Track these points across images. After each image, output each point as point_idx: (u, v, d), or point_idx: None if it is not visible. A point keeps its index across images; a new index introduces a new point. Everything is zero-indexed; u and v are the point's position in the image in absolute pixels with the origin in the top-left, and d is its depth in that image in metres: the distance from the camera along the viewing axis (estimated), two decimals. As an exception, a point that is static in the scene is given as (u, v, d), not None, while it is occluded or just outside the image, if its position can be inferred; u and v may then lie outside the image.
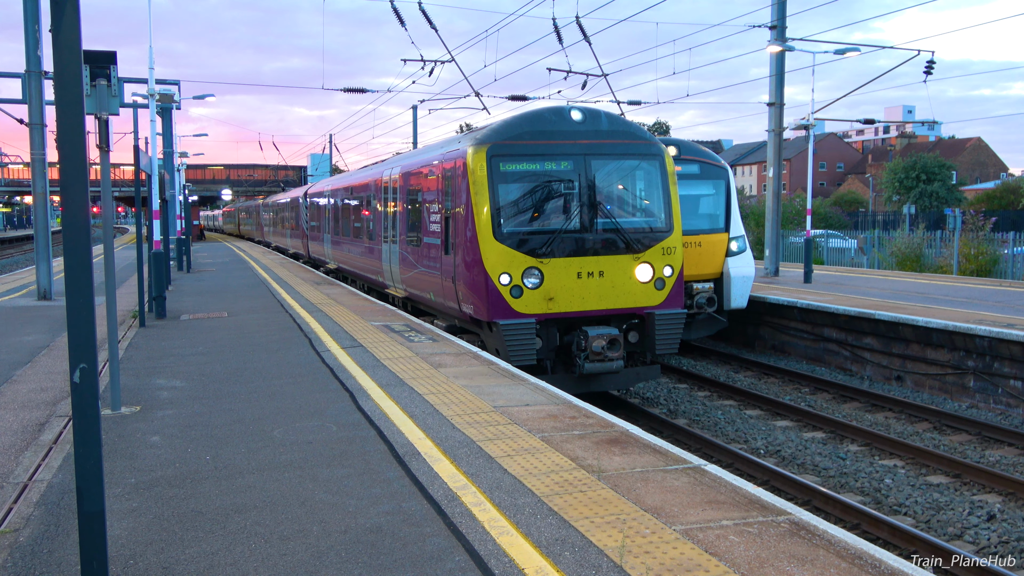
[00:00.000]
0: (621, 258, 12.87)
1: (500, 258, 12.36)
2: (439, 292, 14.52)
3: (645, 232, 13.15)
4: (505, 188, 12.69)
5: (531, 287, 12.43)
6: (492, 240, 12.39)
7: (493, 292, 12.32)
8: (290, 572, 4.96)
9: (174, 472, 6.87)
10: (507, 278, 12.31)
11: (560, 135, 12.94)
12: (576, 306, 12.66)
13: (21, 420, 8.87)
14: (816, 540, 5.27)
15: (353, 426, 8.18)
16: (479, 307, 12.65)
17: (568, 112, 13.18)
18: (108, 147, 8.98)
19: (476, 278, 12.57)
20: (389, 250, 18.61)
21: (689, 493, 6.12)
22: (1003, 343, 14.01)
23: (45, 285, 20.73)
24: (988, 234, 28.76)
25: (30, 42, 20.07)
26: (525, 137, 12.85)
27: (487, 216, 12.43)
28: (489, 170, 12.53)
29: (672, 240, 13.21)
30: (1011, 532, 9.01)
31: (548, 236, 12.55)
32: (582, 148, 12.93)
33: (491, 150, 12.65)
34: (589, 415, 8.43)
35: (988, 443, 12.37)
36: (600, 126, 13.24)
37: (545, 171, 12.83)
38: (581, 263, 12.66)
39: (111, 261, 9.11)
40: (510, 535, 5.38)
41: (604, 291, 12.78)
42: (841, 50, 23.58)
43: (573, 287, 12.60)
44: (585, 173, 12.81)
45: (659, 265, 13.07)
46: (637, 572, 4.80)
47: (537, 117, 13.19)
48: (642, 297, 13.00)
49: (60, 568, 5.06)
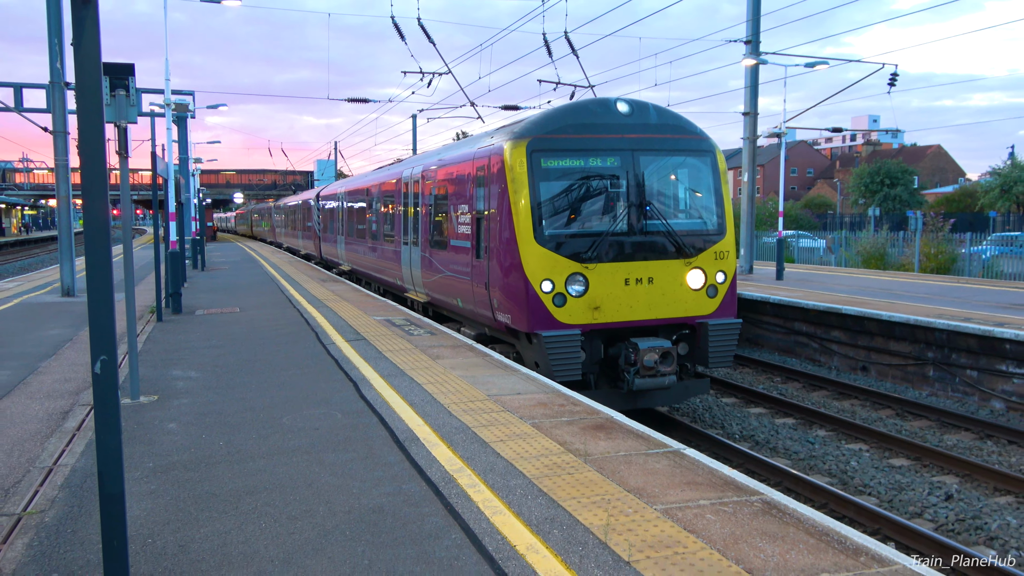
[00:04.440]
0: (672, 263, 11.13)
1: (542, 263, 10.64)
2: (468, 299, 12.80)
3: (697, 235, 11.39)
4: (547, 186, 10.89)
5: (575, 295, 10.71)
6: (533, 243, 10.66)
7: (534, 300, 10.62)
8: (298, 549, 4.96)
9: (189, 457, 6.86)
10: (549, 285, 10.62)
11: (605, 128, 11.16)
12: (624, 316, 10.95)
13: (46, 409, 8.84)
14: (787, 518, 5.29)
15: (357, 414, 8.18)
16: (518, 316, 10.93)
17: (614, 104, 11.37)
18: (127, 153, 8.94)
19: (514, 285, 10.88)
20: (409, 253, 16.78)
21: (669, 475, 6.14)
22: (960, 336, 14.07)
23: (68, 283, 20.67)
24: (947, 235, 28.86)
25: (53, 55, 19.99)
26: (568, 131, 11.06)
27: (527, 217, 10.71)
28: (529, 166, 10.79)
29: (725, 243, 11.50)
30: (967, 511, 9.06)
31: (594, 239, 10.80)
32: (629, 143, 11.14)
33: (531, 145, 10.87)
34: (576, 403, 8.44)
35: (946, 428, 12.42)
36: (648, 119, 11.45)
37: (590, 167, 11.03)
38: (629, 269, 10.92)
39: (130, 260, 9.08)
40: (503, 514, 5.39)
41: (653, 299, 11.05)
42: (811, 63, 23.62)
43: (620, 295, 10.89)
44: (633, 170, 11.05)
45: (711, 271, 11.36)
46: (621, 548, 4.82)
47: (580, 109, 11.39)
48: (694, 305, 11.28)
49: (83, 546, 5.05)
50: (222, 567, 4.73)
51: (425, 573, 4.61)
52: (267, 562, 4.79)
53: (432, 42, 20.26)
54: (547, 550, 4.83)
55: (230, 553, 4.92)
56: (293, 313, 16.28)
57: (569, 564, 4.64)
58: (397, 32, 20.43)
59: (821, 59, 23.71)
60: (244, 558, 4.85)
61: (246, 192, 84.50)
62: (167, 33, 21.77)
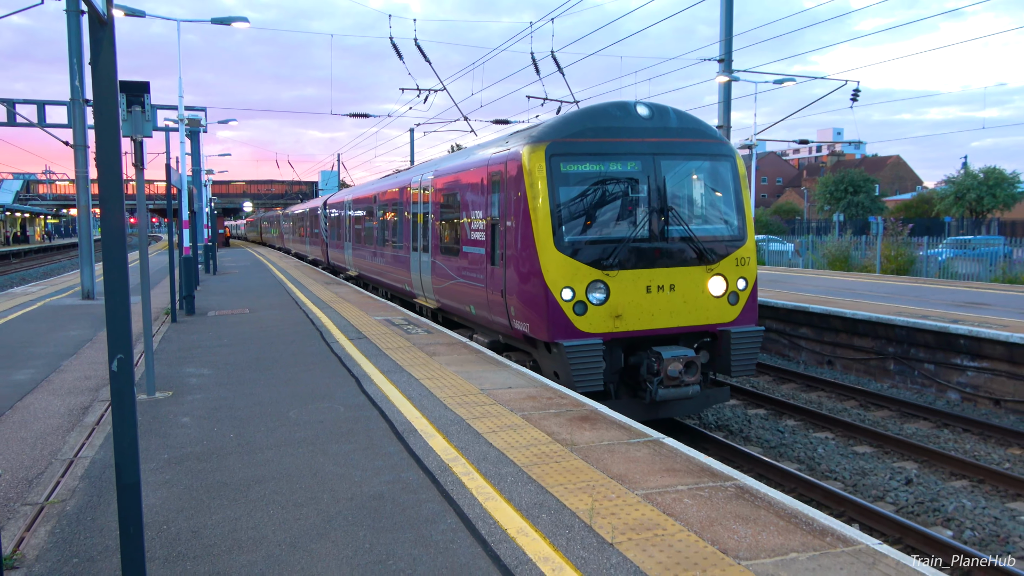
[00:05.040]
0: (693, 270, 10.22)
1: (562, 270, 9.69)
2: (482, 306, 11.82)
3: (719, 241, 10.45)
4: (567, 191, 9.96)
5: (596, 303, 9.77)
6: (553, 250, 9.71)
7: (554, 309, 9.66)
8: (303, 534, 4.95)
9: (202, 448, 6.83)
10: (569, 293, 9.68)
11: (626, 132, 10.21)
12: (645, 324, 10.02)
13: (68, 404, 8.79)
14: (759, 502, 5.30)
15: (358, 407, 8.15)
16: (537, 325, 9.97)
17: (634, 107, 10.44)
18: (143, 165, 8.90)
19: (533, 293, 9.94)
20: (419, 259, 15.66)
21: (649, 462, 6.14)
22: (918, 332, 14.13)
23: (88, 286, 20.57)
24: (906, 238, 29.00)
25: (73, 74, 19.90)
26: (587, 134, 10.11)
27: (547, 223, 9.78)
28: (548, 171, 9.85)
29: (746, 249, 10.61)
30: (926, 494, 9.10)
31: (615, 245, 9.85)
32: (650, 147, 10.23)
33: (551, 149, 9.92)
34: (563, 396, 8.44)
35: (906, 418, 12.47)
36: (669, 123, 10.52)
37: (610, 172, 10.08)
38: (651, 276, 9.99)
39: (146, 265, 9.04)
40: (495, 500, 5.39)
41: (675, 307, 10.14)
42: (779, 80, 23.72)
43: (642, 302, 9.96)
44: (654, 175, 10.13)
45: (733, 277, 10.46)
46: (605, 531, 4.82)
47: (600, 112, 10.36)
48: (715, 313, 10.38)
49: (101, 533, 5.02)
50: (232, 551, 4.71)
51: (422, 555, 4.60)
52: (275, 546, 4.77)
53: (428, 61, 20.25)
54: (536, 533, 4.82)
55: (240, 538, 4.90)
56: (299, 314, 16.23)
57: (557, 546, 4.64)
58: (395, 52, 20.42)
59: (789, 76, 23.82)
60: (253, 542, 4.83)
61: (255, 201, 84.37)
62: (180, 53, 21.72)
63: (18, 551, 4.79)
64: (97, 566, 4.55)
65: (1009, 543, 7.78)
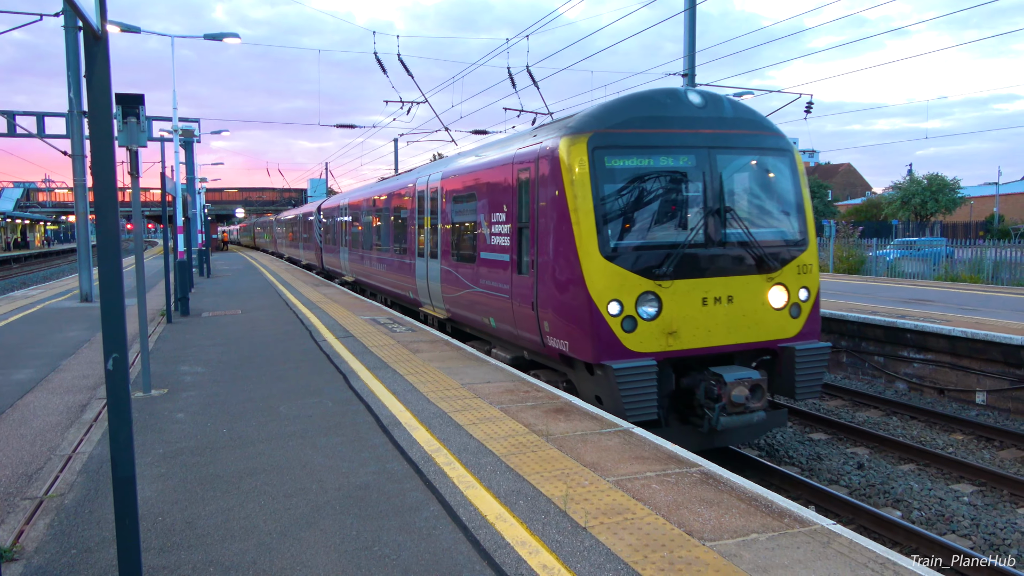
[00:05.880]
0: (753, 279, 8.63)
1: (608, 280, 8.02)
2: (505, 319, 10.07)
3: (779, 246, 8.86)
4: (612, 189, 8.30)
5: (647, 318, 8.13)
6: (598, 257, 8.04)
7: (600, 325, 7.99)
8: (293, 523, 4.90)
9: (196, 443, 6.75)
10: (617, 307, 8.03)
11: (677, 122, 8.62)
12: (701, 341, 8.37)
13: (66, 402, 8.64)
14: (722, 487, 5.33)
15: (346, 402, 8.10)
16: (579, 344, 8.23)
17: (685, 95, 8.86)
18: (138, 174, 8.78)
19: (574, 306, 8.24)
20: (425, 266, 13.98)
21: (620, 451, 6.16)
22: (868, 327, 14.30)
23: (86, 290, 20.27)
24: (856, 240, 29.36)
25: (71, 86, 19.61)
26: (634, 124, 8.45)
27: (590, 226, 8.10)
28: (592, 166, 8.22)
29: (808, 255, 9.03)
30: (876, 477, 9.20)
31: (668, 251, 8.22)
32: (706, 139, 8.64)
33: (593, 141, 8.29)
34: (539, 389, 8.43)
35: (858, 407, 12.61)
36: (724, 112, 8.94)
37: (661, 168, 8.45)
38: (707, 286, 8.39)
39: (141, 269, 8.91)
40: (475, 488, 5.37)
41: (733, 321, 8.52)
42: (739, 93, 23.86)
43: (697, 317, 8.34)
44: (710, 171, 8.55)
45: (795, 287, 8.88)
46: (578, 516, 4.82)
47: (647, 99, 8.69)
48: (775, 328, 8.79)
49: (99, 525, 4.94)
50: (225, 540, 4.65)
51: (406, 541, 4.57)
52: (266, 535, 4.72)
53: (411, 75, 20.16)
54: (514, 519, 4.81)
55: (232, 528, 4.84)
56: (289, 314, 16.09)
57: (533, 531, 4.63)
58: (380, 67, 20.32)
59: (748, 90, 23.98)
60: (245, 532, 4.78)
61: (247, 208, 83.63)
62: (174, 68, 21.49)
63: (18, 543, 4.70)
64: (94, 557, 4.47)
65: (953, 522, 7.89)
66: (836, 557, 4.22)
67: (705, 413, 8.30)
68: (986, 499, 8.49)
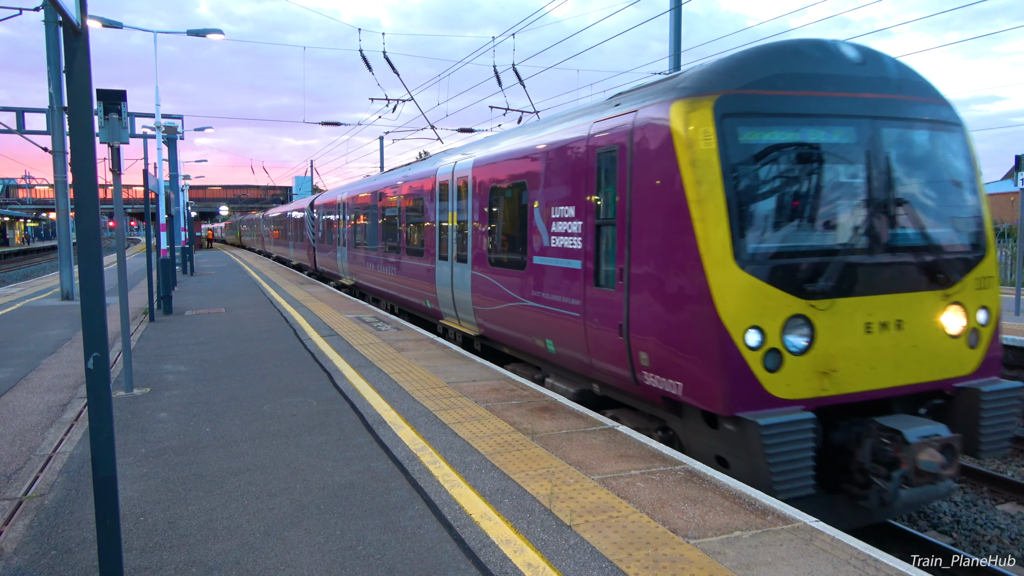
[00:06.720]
0: (926, 296, 6.38)
1: (747, 300, 5.76)
2: (573, 343, 7.92)
3: (957, 252, 6.62)
4: (749, 173, 5.99)
5: (795, 351, 5.86)
6: (732, 267, 5.77)
7: (735, 361, 5.72)
8: (277, 522, 4.87)
9: (179, 442, 6.69)
10: (757, 337, 5.76)
11: (831, 82, 6.33)
12: (863, 383, 6.11)
13: (46, 402, 8.54)
14: (706, 484, 5.36)
15: (330, 401, 8.06)
16: (700, 387, 5.98)
17: (838, 48, 6.55)
18: (120, 171, 8.70)
19: (693, 333, 5.99)
20: (449, 271, 11.89)
21: (605, 449, 6.17)
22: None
23: (67, 287, 20.08)
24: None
25: (52, 82, 19.41)
26: (776, 83, 6.16)
27: (720, 224, 5.83)
28: (721, 141, 5.94)
29: (987, 265, 6.77)
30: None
31: (822, 260, 5.97)
32: (867, 106, 6.39)
33: (722, 105, 6.01)
34: (524, 388, 8.44)
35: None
36: (887, 72, 6.64)
37: (811, 144, 6.17)
38: (872, 306, 6.13)
39: (123, 267, 8.82)
40: (460, 487, 5.37)
41: (901, 353, 6.25)
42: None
43: (860, 349, 6.08)
44: (875, 150, 6.31)
45: (973, 307, 6.63)
46: (563, 514, 4.83)
47: (789, 53, 6.35)
48: (951, 362, 6.51)
49: (80, 526, 4.89)
50: (208, 540, 4.62)
51: (391, 540, 4.56)
52: (249, 534, 4.69)
53: (396, 73, 20.10)
54: (499, 517, 4.81)
55: (215, 527, 4.81)
56: (273, 312, 16.00)
57: (518, 529, 4.63)
58: (365, 64, 20.24)
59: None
60: (228, 531, 4.74)
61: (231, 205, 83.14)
62: (157, 64, 21.30)
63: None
64: (75, 558, 4.43)
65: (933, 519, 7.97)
66: (818, 554, 4.26)
67: (871, 481, 6.00)
68: (966, 496, 8.58)
